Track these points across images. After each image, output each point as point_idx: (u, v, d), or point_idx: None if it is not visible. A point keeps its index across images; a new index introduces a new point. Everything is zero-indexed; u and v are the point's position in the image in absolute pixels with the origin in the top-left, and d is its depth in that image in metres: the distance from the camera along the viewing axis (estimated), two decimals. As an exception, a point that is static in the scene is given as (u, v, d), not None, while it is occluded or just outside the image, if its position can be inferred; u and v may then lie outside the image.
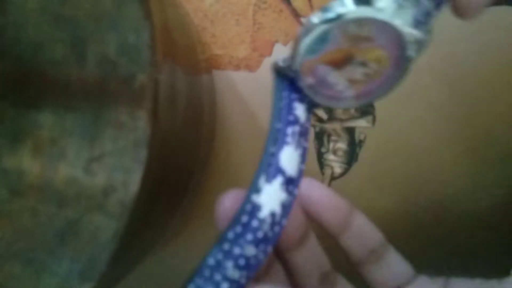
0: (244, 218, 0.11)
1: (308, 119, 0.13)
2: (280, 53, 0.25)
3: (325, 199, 0.13)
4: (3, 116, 0.13)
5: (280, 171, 0.12)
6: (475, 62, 0.24)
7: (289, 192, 0.12)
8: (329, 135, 0.25)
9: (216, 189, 0.26)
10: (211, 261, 0.11)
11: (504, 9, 0.23)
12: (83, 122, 0.13)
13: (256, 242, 0.11)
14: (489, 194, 0.24)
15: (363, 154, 0.25)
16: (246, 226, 0.12)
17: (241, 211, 0.12)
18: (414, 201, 0.25)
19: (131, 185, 0.14)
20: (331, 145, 0.25)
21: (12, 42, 0.13)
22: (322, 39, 0.11)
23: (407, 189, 0.25)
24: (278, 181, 0.12)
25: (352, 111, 0.25)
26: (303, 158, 0.12)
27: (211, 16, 0.25)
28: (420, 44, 0.11)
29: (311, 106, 0.12)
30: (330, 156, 0.25)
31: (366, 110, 0.25)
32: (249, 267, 0.12)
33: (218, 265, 0.12)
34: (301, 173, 0.12)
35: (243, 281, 0.11)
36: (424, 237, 0.25)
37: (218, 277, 0.11)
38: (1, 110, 0.13)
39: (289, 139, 0.12)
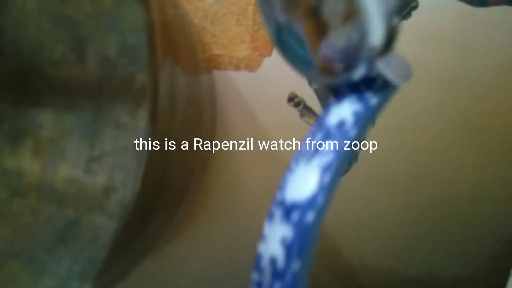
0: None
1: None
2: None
3: None
4: (3, 116, 0.13)
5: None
6: (476, 61, 0.24)
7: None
8: (329, 135, 0.25)
9: (216, 189, 0.26)
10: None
11: (504, 9, 0.23)
12: (83, 122, 0.13)
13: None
14: (491, 196, 0.24)
15: (363, 154, 0.25)
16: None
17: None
18: (414, 201, 0.25)
19: (131, 185, 0.14)
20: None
21: (12, 42, 0.13)
22: (285, 28, 0.10)
23: (408, 189, 0.25)
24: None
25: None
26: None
27: (211, 16, 0.25)
28: None
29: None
30: (330, 156, 0.25)
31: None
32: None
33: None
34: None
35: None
36: (423, 237, 0.25)
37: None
38: (1, 110, 0.13)
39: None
